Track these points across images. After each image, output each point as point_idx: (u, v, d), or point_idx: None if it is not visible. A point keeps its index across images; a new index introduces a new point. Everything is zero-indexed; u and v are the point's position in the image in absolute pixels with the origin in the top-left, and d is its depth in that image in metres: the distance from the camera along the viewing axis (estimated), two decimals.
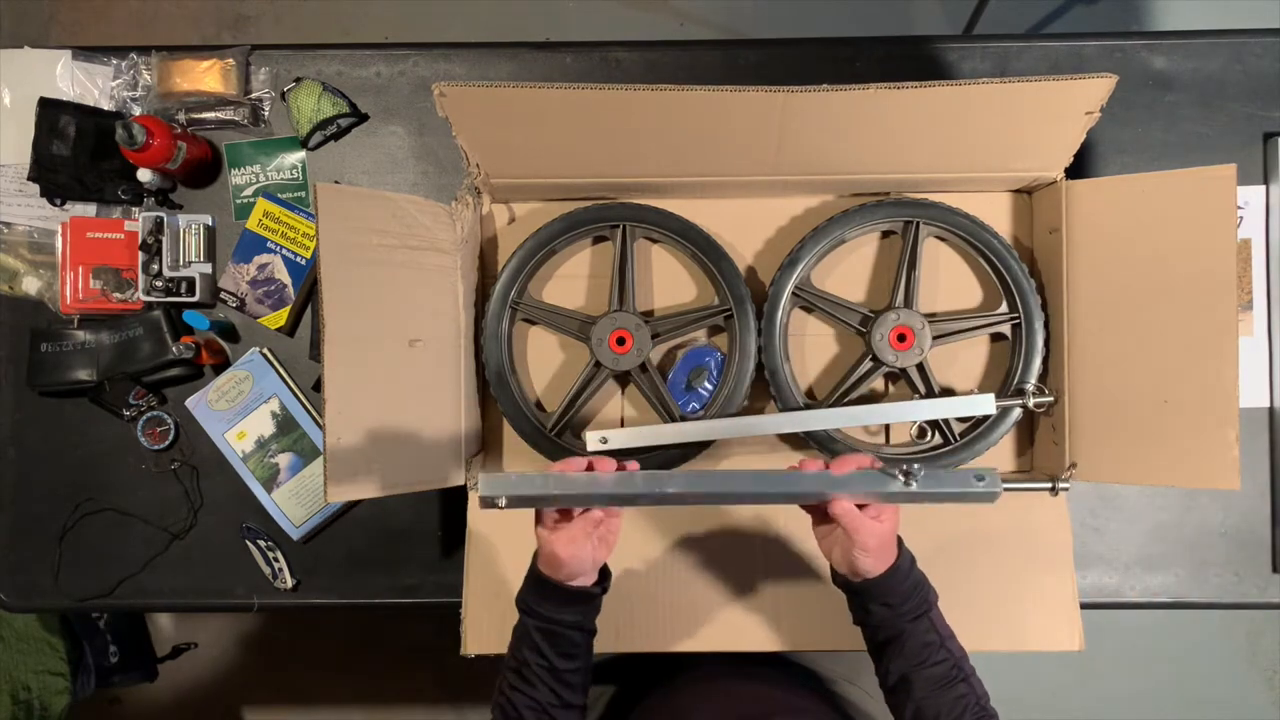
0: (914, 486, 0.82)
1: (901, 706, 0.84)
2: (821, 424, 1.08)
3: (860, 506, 0.83)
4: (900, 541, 0.86)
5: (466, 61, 1.23)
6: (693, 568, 1.05)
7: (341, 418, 0.93)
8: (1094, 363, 1.04)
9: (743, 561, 1.05)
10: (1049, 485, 1.01)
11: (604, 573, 0.89)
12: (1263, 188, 1.17)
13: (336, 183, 1.21)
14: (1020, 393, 1.09)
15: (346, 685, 2.14)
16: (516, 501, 0.82)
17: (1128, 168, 1.18)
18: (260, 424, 1.19)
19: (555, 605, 0.85)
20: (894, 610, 0.84)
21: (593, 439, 1.09)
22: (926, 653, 0.83)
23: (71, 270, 1.18)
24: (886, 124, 0.99)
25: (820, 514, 0.86)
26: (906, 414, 1.09)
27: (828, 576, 1.03)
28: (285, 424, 1.19)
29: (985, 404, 1.07)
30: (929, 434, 1.12)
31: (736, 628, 1.04)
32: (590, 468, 0.84)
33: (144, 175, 1.16)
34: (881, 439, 1.16)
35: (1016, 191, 1.14)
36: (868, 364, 1.10)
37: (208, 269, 1.20)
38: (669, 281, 1.17)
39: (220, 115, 1.21)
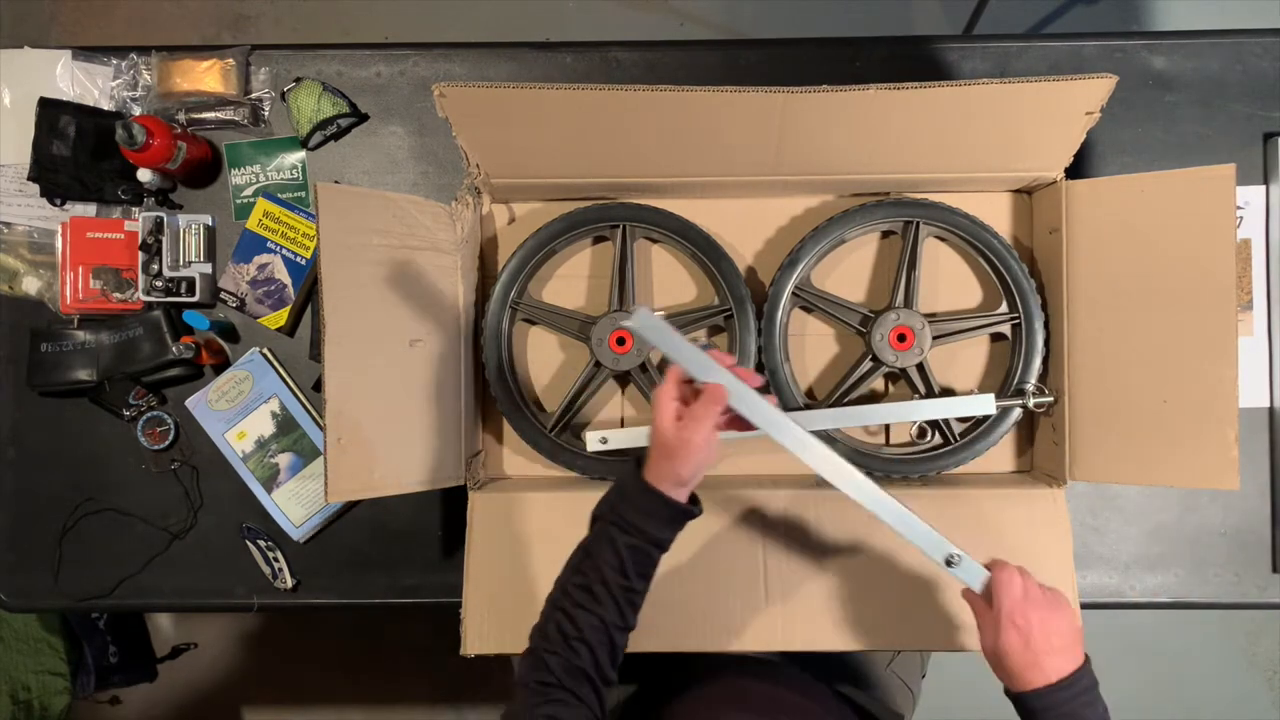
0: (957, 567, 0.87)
1: None
2: (821, 424, 1.08)
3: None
4: (1086, 660, 0.80)
5: (466, 61, 1.23)
6: (692, 566, 1.05)
7: (341, 418, 0.93)
8: (1094, 363, 1.04)
9: (745, 561, 1.05)
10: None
11: (693, 497, 0.86)
12: (1263, 188, 1.17)
13: (336, 183, 1.21)
14: (1020, 393, 1.09)
15: (346, 685, 2.14)
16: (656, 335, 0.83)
17: (1128, 168, 1.17)
18: (260, 424, 1.19)
19: (660, 522, 0.82)
20: None
21: (593, 439, 1.09)
22: None
23: (71, 270, 1.18)
24: (886, 124, 0.99)
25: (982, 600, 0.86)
26: (906, 414, 1.09)
27: (830, 575, 1.04)
28: (285, 424, 1.19)
29: (985, 404, 1.07)
30: (929, 434, 1.12)
31: (736, 627, 1.04)
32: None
33: (144, 175, 1.16)
34: (881, 439, 1.16)
35: (1016, 191, 1.14)
36: (868, 364, 1.10)
37: (208, 269, 1.20)
38: (669, 281, 1.17)
39: (220, 115, 1.21)
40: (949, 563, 0.87)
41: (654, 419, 0.82)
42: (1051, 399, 1.07)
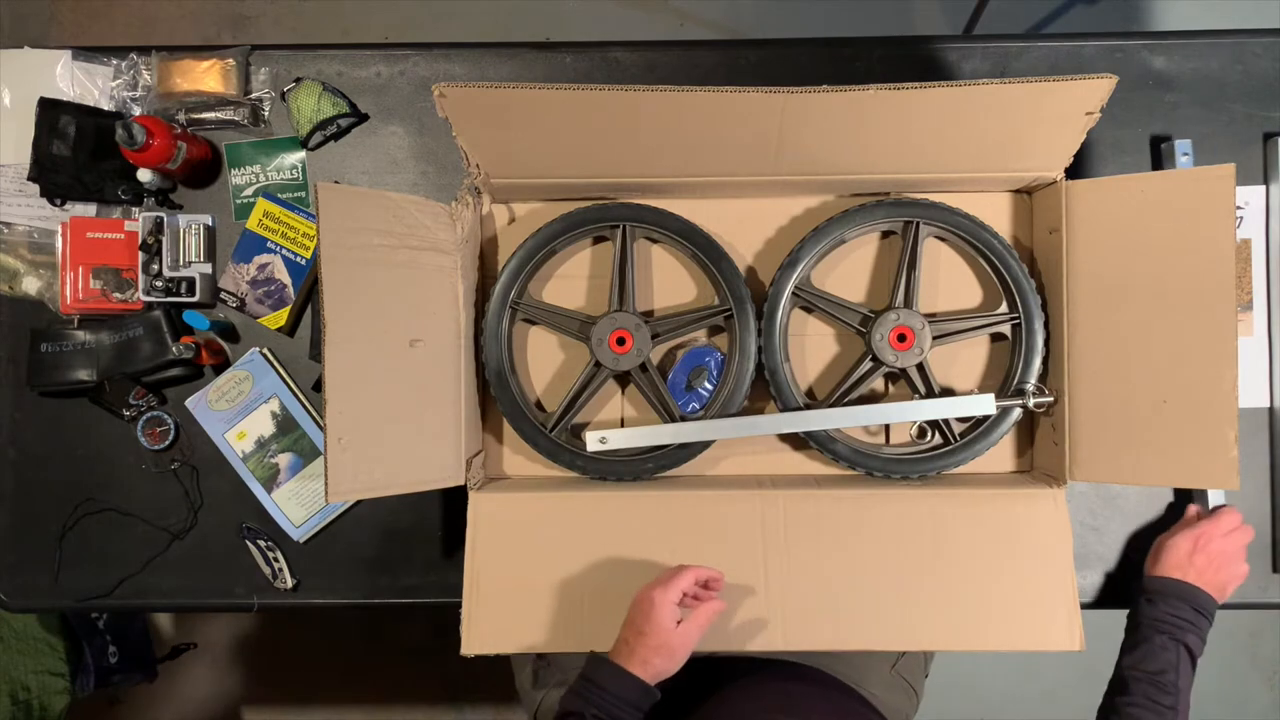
0: None
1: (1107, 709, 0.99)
2: (821, 424, 1.08)
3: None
4: (1206, 594, 1.01)
5: (466, 61, 1.23)
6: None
7: (342, 418, 0.93)
8: (1094, 363, 1.04)
9: (745, 560, 1.05)
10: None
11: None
12: (1263, 188, 1.17)
13: (336, 183, 1.21)
14: (1020, 393, 1.09)
15: (346, 685, 2.14)
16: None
17: (1128, 168, 1.18)
18: (260, 424, 1.19)
19: (642, 712, 0.91)
20: (1152, 606, 1.01)
21: (593, 439, 1.09)
22: (1157, 664, 0.97)
23: (71, 270, 1.18)
24: (886, 124, 0.99)
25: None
26: (906, 414, 1.09)
27: (831, 575, 1.04)
28: (285, 424, 1.19)
29: (985, 404, 1.07)
30: (929, 434, 1.12)
31: (737, 627, 1.04)
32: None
33: (144, 175, 1.16)
34: (881, 439, 1.16)
35: (1016, 191, 1.15)
36: (868, 364, 1.10)
37: (208, 269, 1.20)
38: (669, 281, 1.17)
39: (220, 115, 1.21)
40: None
41: (653, 621, 0.91)
42: (1051, 399, 1.07)
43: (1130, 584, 1.16)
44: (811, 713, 0.99)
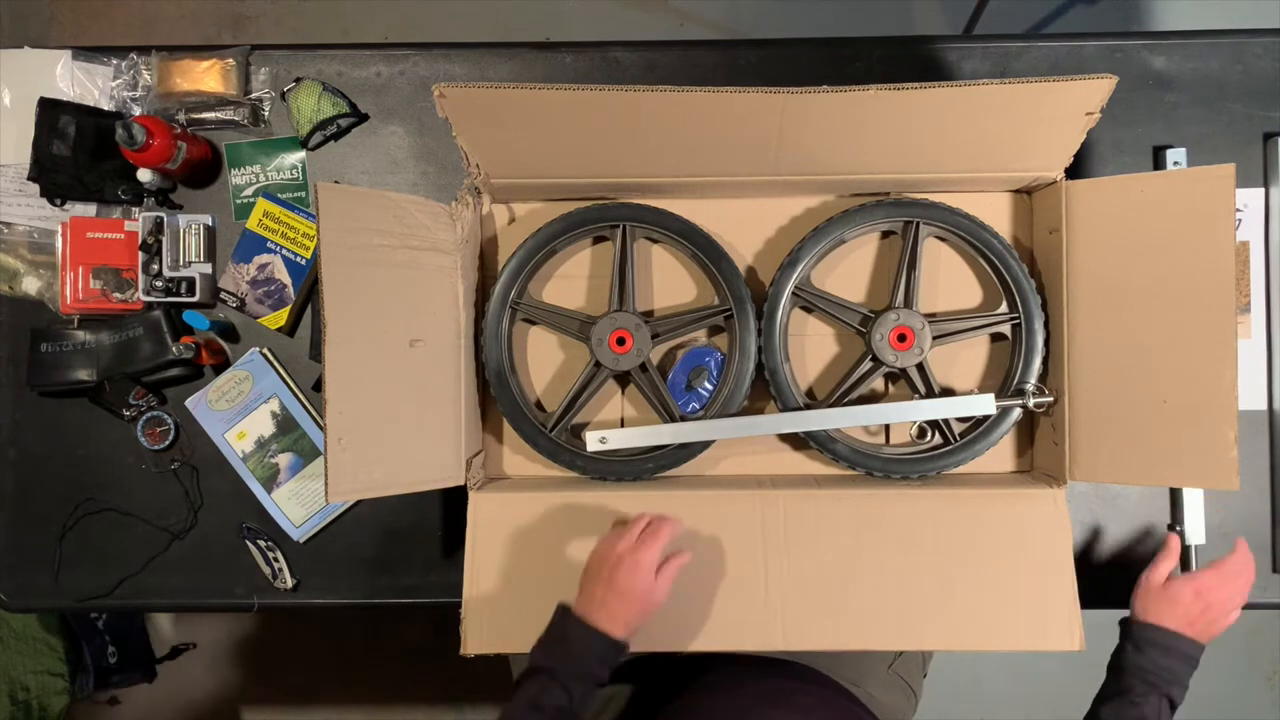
0: None
1: None
2: (821, 424, 1.09)
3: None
4: (1192, 640, 0.97)
5: (466, 61, 1.23)
6: (693, 567, 1.04)
7: (342, 418, 0.93)
8: (1094, 363, 1.04)
9: (745, 561, 1.05)
10: None
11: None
12: (1261, 190, 1.17)
13: (336, 183, 1.21)
14: (1020, 393, 1.09)
15: (346, 685, 2.14)
16: None
17: (1128, 168, 1.18)
18: (260, 424, 1.19)
19: (611, 667, 0.92)
20: (1141, 656, 0.96)
21: (593, 439, 1.09)
22: (1136, 714, 0.94)
23: (71, 270, 1.18)
24: (886, 124, 0.99)
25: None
26: (906, 414, 1.09)
27: (830, 575, 1.04)
28: (285, 424, 1.19)
29: (985, 404, 1.07)
30: (929, 434, 1.12)
31: (737, 627, 1.04)
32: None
33: (144, 175, 1.16)
34: (881, 439, 1.16)
35: (1016, 191, 1.15)
36: (868, 364, 1.11)
37: (208, 269, 1.20)
38: (669, 281, 1.17)
39: (220, 115, 1.21)
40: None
41: (634, 580, 0.92)
42: (1051, 399, 1.07)
43: (1130, 584, 1.16)
44: (802, 708, 0.99)
